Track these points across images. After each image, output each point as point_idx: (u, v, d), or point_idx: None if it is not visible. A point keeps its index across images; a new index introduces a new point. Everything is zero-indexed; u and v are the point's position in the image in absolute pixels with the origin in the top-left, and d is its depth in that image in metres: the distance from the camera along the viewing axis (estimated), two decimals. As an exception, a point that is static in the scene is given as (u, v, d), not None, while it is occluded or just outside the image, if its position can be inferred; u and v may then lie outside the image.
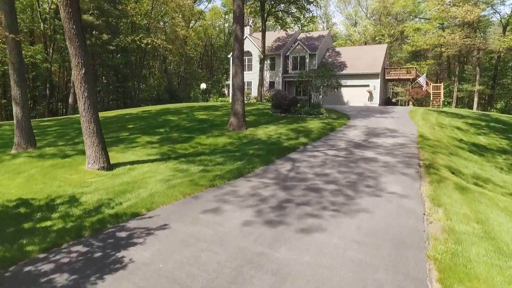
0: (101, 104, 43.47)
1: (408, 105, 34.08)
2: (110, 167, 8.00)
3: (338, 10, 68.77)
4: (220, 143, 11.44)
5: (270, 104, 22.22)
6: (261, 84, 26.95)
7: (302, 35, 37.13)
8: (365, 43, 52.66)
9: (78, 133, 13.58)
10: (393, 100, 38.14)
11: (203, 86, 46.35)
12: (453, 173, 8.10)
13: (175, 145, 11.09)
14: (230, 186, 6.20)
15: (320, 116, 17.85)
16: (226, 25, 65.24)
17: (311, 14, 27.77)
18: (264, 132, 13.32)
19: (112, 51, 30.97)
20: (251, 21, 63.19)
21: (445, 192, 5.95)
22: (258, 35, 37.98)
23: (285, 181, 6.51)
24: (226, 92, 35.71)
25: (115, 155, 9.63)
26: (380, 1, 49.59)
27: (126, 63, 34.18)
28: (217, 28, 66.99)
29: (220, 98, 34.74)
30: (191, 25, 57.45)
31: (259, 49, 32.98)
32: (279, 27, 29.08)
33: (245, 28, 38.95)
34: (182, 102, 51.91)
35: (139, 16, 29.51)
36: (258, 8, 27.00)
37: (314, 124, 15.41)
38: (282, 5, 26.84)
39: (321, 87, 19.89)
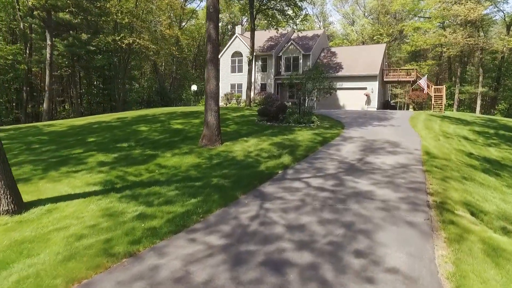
0: (86, 107, 41.44)
1: (408, 108, 32.22)
2: (19, 209, 6.02)
3: (335, 8, 66.81)
4: (184, 165, 9.48)
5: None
6: (249, 87, 24.99)
7: (296, 34, 35.20)
8: (363, 43, 50.78)
9: (24, 149, 11.62)
10: (392, 102, 36.28)
11: (194, 88, 44.42)
12: (473, 214, 6.16)
13: (129, 169, 9.12)
14: (156, 255, 4.24)
15: (311, 125, 15.91)
16: (220, 24, 63.33)
17: (304, 12, 25.79)
18: (241, 147, 11.36)
19: (93, 51, 28.93)
20: (245, 20, 61.24)
21: (473, 266, 4.00)
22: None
23: (240, 242, 4.56)
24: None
25: (44, 186, 7.66)
26: (378, -1, 47.73)
27: (109, 64, 32.15)
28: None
29: (209, 102, 32.71)
30: (183, 24, 55.50)
31: (250, 49, 31.02)
32: (271, 27, 27.11)
33: (237, 27, 37.03)
34: (172, 105, 50.07)
35: (119, 14, 27.44)
36: (247, 6, 25.00)
37: (302, 136, 13.46)
38: (273, 1, 24.89)
39: (313, 91, 17.96)
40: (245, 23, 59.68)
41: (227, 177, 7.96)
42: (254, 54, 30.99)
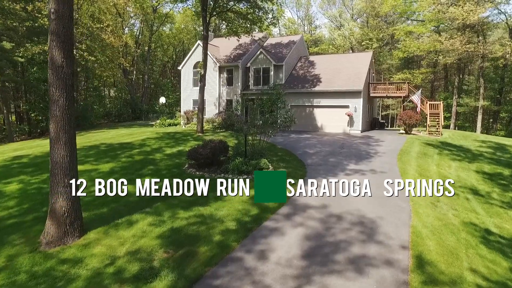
0: (37, 124, 36.45)
1: (399, 126, 27.70)
2: None
3: (321, 11, 62.42)
4: None
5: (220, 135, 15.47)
6: (201, 108, 20.16)
7: (270, 40, 30.66)
8: (351, 48, 46.41)
9: None
10: (382, 119, 31.76)
11: (162, 100, 39.88)
12: None
13: None
14: None
15: (257, 176, 11.20)
16: (199, 29, 58.86)
17: (271, 15, 21.20)
18: (107, 247, 6.60)
19: (22, 63, 24.12)
20: (223, 26, 56.56)
21: None
22: (219, 41, 31.40)
23: None
24: (181, 110, 28.92)
25: None
26: (367, 1, 43.39)
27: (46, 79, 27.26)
28: (191, 33, 60.81)
29: (168, 121, 27.90)
30: (155, 29, 50.83)
31: (215, 58, 26.42)
32: (232, 33, 22.49)
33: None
34: (143, 118, 45.33)
35: (45, 19, 22.64)
36: (198, 8, 20.32)
37: (229, 207, 8.73)
38: (231, 2, 20.25)
39: (265, 126, 13.36)
40: (223, 29, 55.00)
41: None
42: (219, 65, 26.41)
